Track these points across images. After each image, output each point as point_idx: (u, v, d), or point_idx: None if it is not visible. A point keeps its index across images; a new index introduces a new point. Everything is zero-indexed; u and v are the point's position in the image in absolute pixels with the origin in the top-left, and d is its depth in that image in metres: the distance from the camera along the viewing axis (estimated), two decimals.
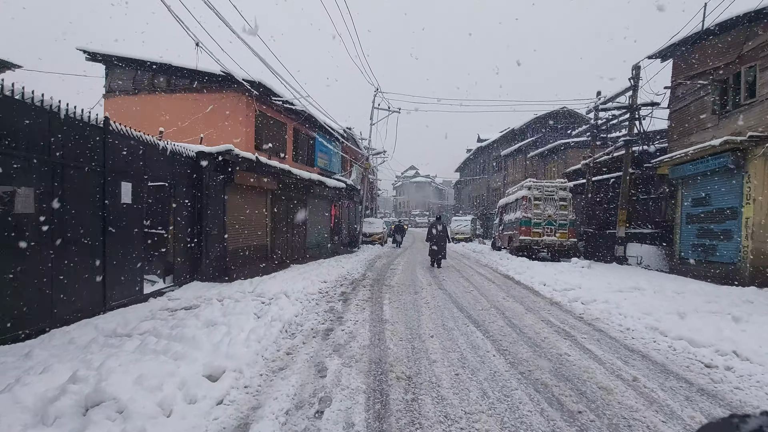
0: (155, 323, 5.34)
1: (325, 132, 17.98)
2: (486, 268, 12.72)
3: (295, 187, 13.35)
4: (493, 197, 37.33)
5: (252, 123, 12.37)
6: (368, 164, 20.69)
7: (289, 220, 13.25)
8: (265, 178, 11.06)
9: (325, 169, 18.03)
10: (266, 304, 6.58)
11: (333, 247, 17.66)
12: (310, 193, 14.68)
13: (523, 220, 14.81)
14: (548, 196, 14.79)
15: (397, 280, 9.87)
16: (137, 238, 6.37)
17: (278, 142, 14.12)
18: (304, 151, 16.38)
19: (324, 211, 16.89)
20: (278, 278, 9.16)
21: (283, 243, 12.77)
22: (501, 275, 11.05)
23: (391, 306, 6.85)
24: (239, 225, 10.12)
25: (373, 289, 8.63)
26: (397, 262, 14.35)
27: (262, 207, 11.53)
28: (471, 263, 14.43)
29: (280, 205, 12.62)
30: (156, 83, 12.57)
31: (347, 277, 10.27)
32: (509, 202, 17.06)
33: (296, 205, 13.80)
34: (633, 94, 13.85)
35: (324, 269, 10.99)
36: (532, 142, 29.61)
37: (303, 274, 10.06)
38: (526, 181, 15.62)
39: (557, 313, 6.51)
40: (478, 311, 6.58)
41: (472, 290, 8.59)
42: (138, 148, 6.48)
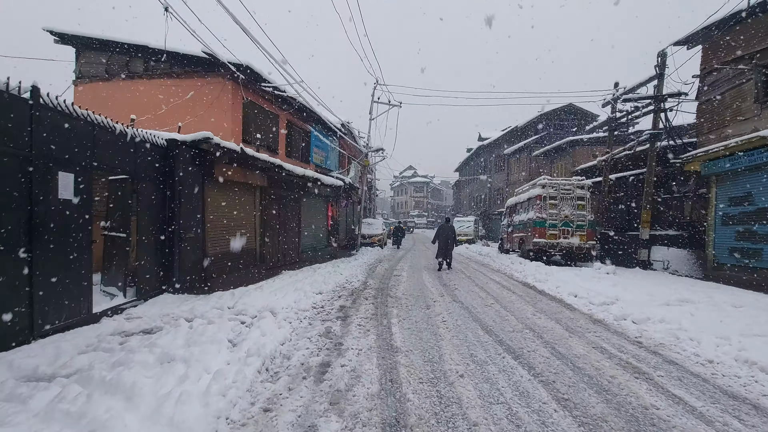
0: (96, 357, 4.05)
1: (322, 126, 16.70)
2: (499, 275, 11.47)
3: (287, 185, 12.06)
4: (495, 197, 36.19)
5: (239, 113, 11.07)
6: (367, 162, 19.43)
7: (281, 220, 11.95)
8: (252, 173, 9.77)
9: (322, 166, 16.74)
10: (247, 326, 5.29)
11: (330, 250, 16.36)
12: (304, 192, 13.39)
13: (537, 221, 13.59)
14: (565, 194, 13.58)
15: (403, 290, 8.60)
16: (83, 243, 5.07)
17: (269, 136, 12.82)
18: (298, 147, 15.09)
19: (320, 211, 15.60)
20: (266, 288, 7.86)
21: (274, 246, 11.47)
22: (519, 283, 9.80)
23: (401, 326, 5.58)
24: (222, 226, 8.81)
25: (376, 301, 7.35)
26: (400, 267, 13.08)
27: (250, 206, 10.24)
28: (481, 268, 13.18)
29: (271, 204, 11.33)
30: (132, 68, 11.24)
31: (346, 286, 8.99)
32: (520, 202, 15.84)
33: (289, 205, 12.50)
34: (659, 83, 12.67)
35: (320, 276, 9.71)
36: (537, 140, 28.47)
37: (296, 282, 8.77)
38: (540, 178, 14.41)
39: (607, 336, 5.26)
40: (509, 333, 5.32)
41: (492, 303, 7.33)
42: (85, 130, 5.17)
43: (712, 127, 11.74)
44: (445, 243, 12.56)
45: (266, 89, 11.66)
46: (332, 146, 17.75)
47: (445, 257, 12.73)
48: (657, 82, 12.72)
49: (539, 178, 14.51)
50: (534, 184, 14.84)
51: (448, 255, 12.68)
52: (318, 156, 16.53)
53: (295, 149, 14.75)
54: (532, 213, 14.05)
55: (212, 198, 8.35)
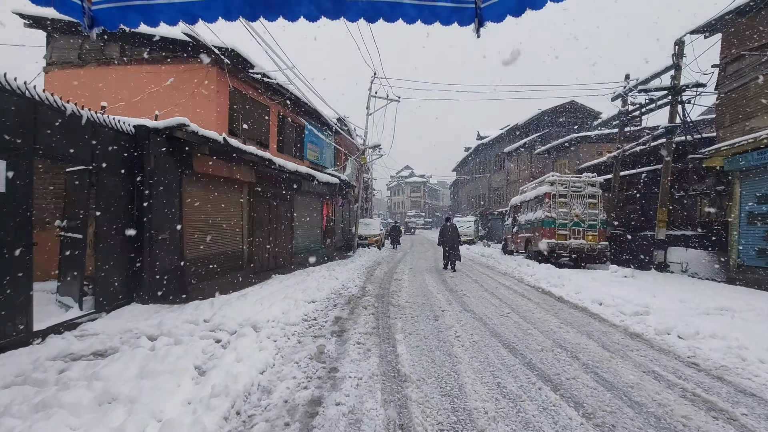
0: (19, 393, 3.15)
1: (317, 120, 15.79)
2: (508, 278, 10.62)
3: (278, 181, 11.14)
4: (495, 197, 35.41)
5: (225, 102, 10.15)
6: (364, 159, 18.54)
7: (272, 220, 11.04)
8: (239, 167, 8.85)
9: (316, 163, 15.83)
10: (222, 345, 4.39)
11: (325, 252, 15.45)
12: (297, 189, 12.47)
13: (545, 220, 12.76)
14: (575, 192, 12.76)
15: (406, 296, 7.72)
16: (20, 245, 4.13)
17: (259, 129, 11.90)
18: (291, 141, 14.17)
19: (314, 210, 14.68)
20: (252, 297, 6.94)
21: (264, 248, 10.56)
22: (533, 288, 8.95)
23: (408, 344, 4.69)
24: (203, 226, 7.89)
25: (377, 311, 6.46)
26: (400, 270, 12.19)
27: (236, 204, 9.33)
28: (486, 270, 12.32)
29: (260, 202, 10.41)
30: (107, 53, 10.28)
31: (342, 292, 8.08)
32: (526, 201, 15.01)
33: (281, 203, 11.59)
34: (675, 73, 11.88)
35: (313, 281, 8.80)
36: (538, 138, 27.70)
37: (286, 289, 7.86)
38: (548, 175, 13.59)
39: (655, 356, 4.41)
40: (537, 353, 4.45)
41: (509, 312, 6.46)
42: (24, 109, 4.24)
43: (734, 119, 10.96)
44: (450, 244, 12.12)
45: (255, 77, 10.73)
46: (328, 142, 16.84)
47: (451, 258, 12.30)
48: (674, 73, 11.94)
49: (548, 174, 13.69)
50: (542, 181, 14.01)
51: (454, 255, 12.24)
52: (312, 152, 15.61)
53: (287, 144, 13.83)
54: (540, 212, 13.22)
55: (191, 194, 7.43)
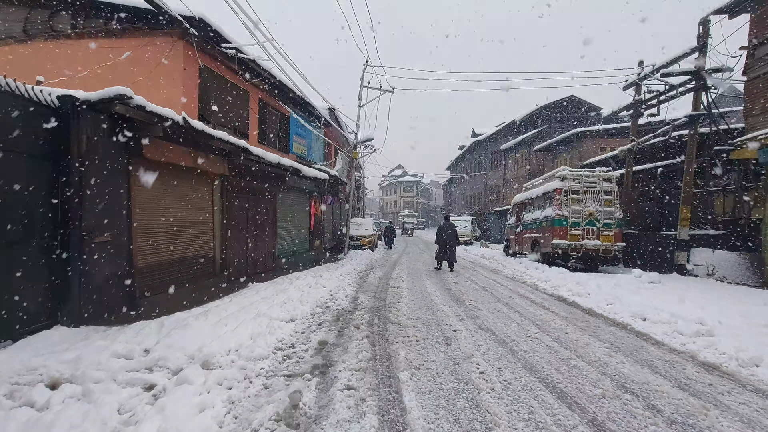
0: None
1: (304, 109, 14.43)
2: (520, 284, 9.39)
3: (258, 175, 9.78)
4: (491, 195, 34.35)
5: (194, 82, 8.75)
6: (356, 154, 17.21)
7: (251, 220, 9.68)
8: (207, 156, 7.49)
9: (304, 158, 14.47)
10: (154, 396, 3.05)
11: (313, 255, 14.10)
12: (281, 185, 11.11)
13: (556, 219, 11.57)
14: (589, 188, 11.60)
15: (407, 310, 6.42)
16: None
17: (237, 116, 10.51)
18: (274, 132, 12.79)
19: (301, 208, 13.33)
20: (216, 314, 5.59)
21: (241, 252, 9.19)
22: (552, 297, 7.72)
23: (417, 390, 3.39)
24: (161, 227, 6.52)
25: (373, 332, 5.15)
26: (397, 275, 10.89)
27: (206, 201, 7.96)
28: (492, 275, 11.09)
29: (237, 199, 9.05)
30: (56, 25, 8.82)
31: (330, 305, 6.75)
32: (532, 198, 13.82)
33: (261, 200, 10.22)
34: (699, 56, 10.78)
35: (296, 291, 7.47)
36: (537, 135, 26.65)
37: (262, 302, 6.51)
38: (559, 169, 12.40)
39: (758, 403, 3.17)
40: (600, 403, 3.18)
41: (536, 332, 5.21)
42: None
43: (766, 107, 9.87)
44: (447, 243, 11.88)
45: (231, 56, 9.35)
46: (316, 134, 15.48)
47: (448, 258, 11.97)
48: (698, 55, 10.83)
49: (558, 169, 12.51)
50: (551, 176, 12.83)
51: (451, 256, 11.95)
52: (299, 145, 14.25)
53: (270, 135, 12.44)
54: (550, 210, 12.03)
55: (144, 187, 6.05)
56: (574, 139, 21.44)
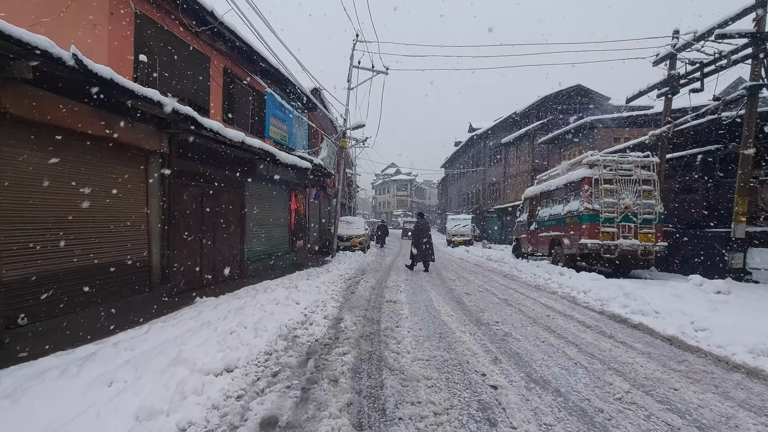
0: None
1: (284, 88, 12.32)
2: (551, 297, 7.41)
3: (217, 157, 7.70)
4: (491, 192, 32.50)
5: (127, 34, 6.60)
6: (345, 142, 15.14)
7: (208, 214, 7.57)
8: (133, 126, 5.41)
9: (283, 144, 12.34)
10: None
11: (294, 258, 12.01)
12: (250, 172, 9.03)
13: (584, 214, 9.61)
14: (624, 176, 9.66)
15: (412, 343, 4.36)
16: None
17: (193, 85, 8.37)
18: (245, 112, 10.67)
19: (278, 202, 11.23)
20: (108, 358, 3.48)
21: (193, 256, 7.09)
22: (609, 318, 5.73)
23: None
24: (47, 221, 4.41)
25: (360, 395, 3.08)
26: (394, 283, 8.84)
27: (135, 186, 5.86)
28: (510, 283, 9.10)
29: (185, 186, 6.95)
30: None
31: (299, 334, 4.65)
32: (550, 190, 11.85)
33: (223, 190, 8.13)
34: (759, 14, 8.90)
35: (256, 310, 5.39)
36: (541, 127, 24.81)
37: (197, 332, 4.42)
38: (586, 154, 10.44)
39: None
40: None
41: (629, 391, 3.19)
42: None
43: None
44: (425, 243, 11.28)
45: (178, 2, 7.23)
46: (299, 118, 13.38)
47: (423, 258, 11.35)
48: (756, 14, 8.96)
49: (585, 154, 10.54)
50: (576, 163, 10.89)
51: (427, 255, 11.33)
52: (277, 130, 12.12)
53: (240, 115, 10.32)
54: (575, 204, 10.07)
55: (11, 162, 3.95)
56: (586, 129, 19.59)
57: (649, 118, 18.61)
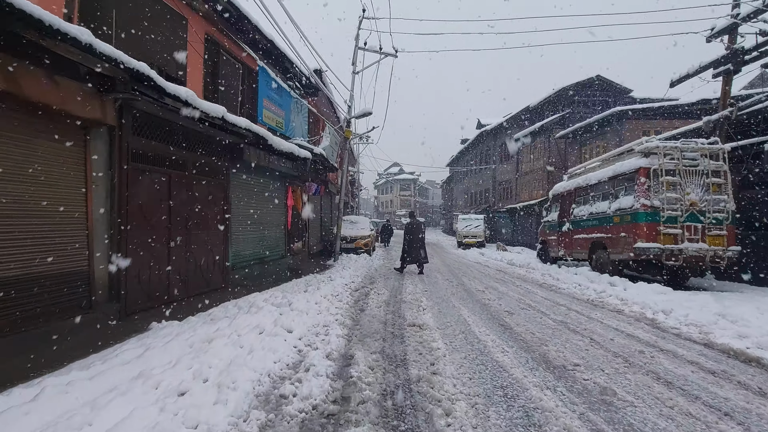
0: None
1: (280, 66, 10.70)
2: (618, 317, 5.77)
3: (189, 137, 6.08)
4: (501, 191, 30.83)
5: None
6: (349, 132, 13.50)
7: (178, 209, 5.95)
8: (51, 77, 3.78)
9: (279, 132, 10.71)
10: None
11: (290, 263, 10.39)
12: (234, 159, 7.41)
13: (641, 212, 7.96)
14: (689, 167, 8.01)
15: (471, 422, 2.73)
16: None
17: (164, 52, 6.73)
18: (233, 91, 9.04)
19: (272, 197, 9.61)
20: None
21: (154, 263, 5.47)
22: (729, 357, 4.07)
23: None
24: None
25: None
26: (412, 296, 7.17)
27: (68, 172, 4.24)
28: (554, 296, 7.45)
29: (143, 171, 5.33)
30: None
31: (285, 399, 2.97)
32: (589, 185, 10.18)
33: (199, 180, 6.50)
34: None
35: (228, 345, 3.76)
36: (558, 121, 23.12)
37: (121, 396, 2.78)
38: (640, 140, 8.75)
39: None
40: None
41: None
42: None
43: None
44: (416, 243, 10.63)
45: None
46: (299, 102, 11.75)
47: (418, 260, 10.65)
48: None
49: (639, 140, 8.85)
50: (626, 151, 9.21)
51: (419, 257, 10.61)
52: (272, 114, 10.48)
53: (227, 95, 8.69)
54: (628, 199, 8.40)
55: None
56: (613, 122, 17.91)
57: (683, 109, 16.95)
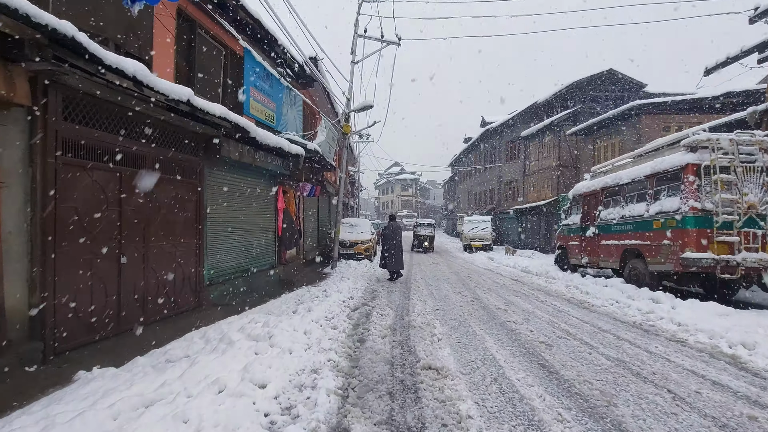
0: None
1: (270, 51, 9.54)
2: (700, 358, 4.59)
3: (147, 128, 4.90)
4: (506, 192, 29.65)
5: None
6: (347, 127, 12.34)
7: (130, 216, 4.78)
8: None
9: (268, 125, 9.53)
10: None
11: (281, 274, 9.22)
12: (210, 154, 6.23)
13: (690, 216, 6.79)
14: (745, 163, 6.83)
15: None
16: None
17: (124, 27, 5.55)
18: (214, 78, 7.87)
19: (259, 200, 8.44)
20: None
21: (96, 285, 4.30)
22: None
23: None
24: None
25: None
26: (422, 318, 5.98)
27: None
28: (590, 317, 6.27)
29: (78, 169, 4.15)
30: None
31: None
32: (622, 184, 8.97)
33: (164, 179, 5.32)
34: None
35: (168, 419, 2.58)
36: (570, 116, 21.95)
37: None
38: (686, 132, 7.56)
39: None
40: None
41: None
42: None
43: None
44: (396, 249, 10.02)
45: None
46: (292, 94, 10.58)
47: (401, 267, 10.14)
48: None
49: (685, 131, 7.66)
50: (667, 145, 8.03)
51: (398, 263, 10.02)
52: (261, 106, 9.31)
53: (206, 82, 7.51)
54: (673, 201, 7.22)
55: None
56: (632, 117, 16.72)
57: (707, 103, 15.77)
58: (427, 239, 21.76)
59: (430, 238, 21.95)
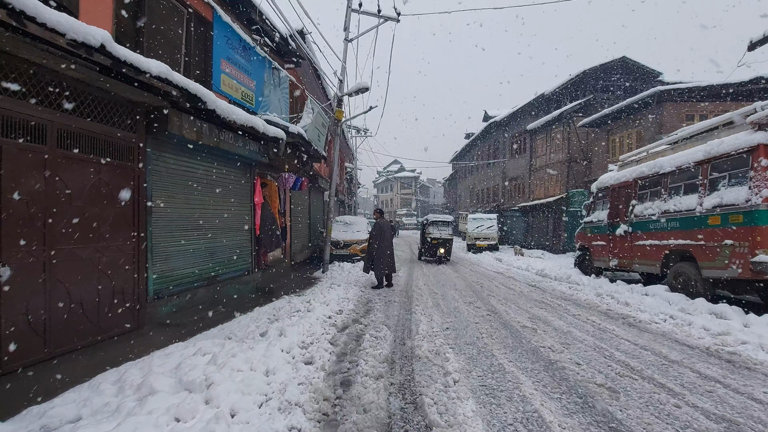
0: None
1: (244, 19, 8.13)
2: None
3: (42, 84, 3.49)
4: (511, 189, 28.26)
5: None
6: (340, 113, 10.95)
7: (11, 213, 3.39)
8: None
9: (246, 107, 8.11)
10: None
11: (258, 281, 7.83)
12: (153, 131, 4.83)
13: (763, 210, 5.42)
14: None
15: None
16: None
17: None
18: (172, 44, 6.46)
19: (228, 193, 7.03)
20: None
21: None
22: None
23: None
24: None
25: None
26: (431, 344, 4.59)
27: None
28: (645, 340, 4.91)
29: None
30: None
31: None
32: (664, 172, 7.57)
33: (70, 163, 3.93)
34: None
35: None
36: (581, 107, 20.56)
37: None
38: (752, 106, 6.18)
39: None
40: None
41: None
42: None
43: None
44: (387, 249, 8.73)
45: None
46: (276, 72, 9.18)
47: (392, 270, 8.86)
48: None
49: (751, 106, 6.26)
50: (724, 124, 6.64)
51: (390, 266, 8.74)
52: (236, 83, 7.90)
53: (163, 46, 6.10)
54: (739, 192, 5.84)
55: None
56: (651, 105, 15.32)
57: (734, 89, 14.42)
58: (443, 244, 14.87)
59: (447, 244, 14.99)
